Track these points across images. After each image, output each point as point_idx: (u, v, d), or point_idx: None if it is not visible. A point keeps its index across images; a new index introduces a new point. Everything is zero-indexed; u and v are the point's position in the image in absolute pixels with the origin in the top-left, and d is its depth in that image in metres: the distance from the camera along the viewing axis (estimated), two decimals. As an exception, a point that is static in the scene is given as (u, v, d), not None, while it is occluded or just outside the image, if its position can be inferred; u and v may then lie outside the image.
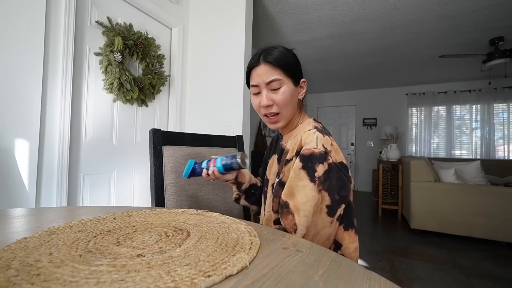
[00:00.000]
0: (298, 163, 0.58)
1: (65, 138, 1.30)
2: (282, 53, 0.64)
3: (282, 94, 0.63)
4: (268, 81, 0.63)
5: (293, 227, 0.56)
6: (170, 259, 0.34)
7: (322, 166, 0.56)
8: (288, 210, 0.58)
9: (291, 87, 0.65)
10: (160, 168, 0.86)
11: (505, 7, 2.23)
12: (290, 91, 0.64)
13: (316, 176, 0.56)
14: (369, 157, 5.25)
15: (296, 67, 0.66)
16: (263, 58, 0.64)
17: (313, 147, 0.58)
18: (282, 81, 0.63)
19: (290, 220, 0.57)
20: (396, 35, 2.79)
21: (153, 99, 1.84)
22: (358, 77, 4.47)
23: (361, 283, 0.31)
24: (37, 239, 0.40)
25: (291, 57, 0.66)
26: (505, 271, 1.83)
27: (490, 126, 4.33)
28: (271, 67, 0.63)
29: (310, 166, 0.56)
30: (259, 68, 0.64)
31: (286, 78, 0.64)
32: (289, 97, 0.64)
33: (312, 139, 0.59)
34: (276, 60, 0.63)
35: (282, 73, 0.63)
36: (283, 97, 0.63)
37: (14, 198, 1.12)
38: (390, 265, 1.89)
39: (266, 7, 2.31)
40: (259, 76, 0.64)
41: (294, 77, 0.65)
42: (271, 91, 0.64)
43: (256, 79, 0.65)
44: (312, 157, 0.57)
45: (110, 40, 1.49)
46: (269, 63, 0.63)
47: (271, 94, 0.64)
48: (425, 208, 2.52)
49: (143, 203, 1.78)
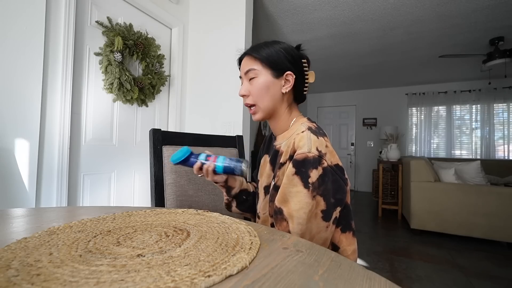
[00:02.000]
0: (291, 168, 0.56)
1: (65, 138, 1.30)
2: (265, 46, 0.65)
3: (255, 84, 0.65)
4: (245, 71, 0.66)
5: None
6: (170, 259, 0.34)
7: (316, 171, 0.54)
8: (282, 216, 0.57)
9: (268, 78, 0.64)
10: (160, 168, 0.86)
11: (505, 7, 2.23)
12: (265, 82, 0.64)
13: (309, 182, 0.54)
14: (369, 157, 5.25)
15: (280, 59, 0.64)
16: (247, 51, 0.67)
17: (307, 151, 0.55)
18: (258, 71, 0.64)
19: (284, 227, 0.57)
20: (396, 35, 2.79)
21: (153, 99, 1.84)
22: (358, 77, 4.47)
23: (361, 283, 0.31)
24: (37, 239, 0.40)
25: (277, 50, 0.64)
26: (505, 271, 1.82)
27: (490, 126, 4.33)
28: (250, 58, 0.65)
29: (303, 171, 0.54)
30: (243, 60, 0.68)
31: (264, 69, 0.64)
32: (264, 88, 0.64)
33: (306, 142, 0.57)
34: (256, 51, 0.65)
35: (260, 64, 0.64)
36: (256, 87, 0.64)
37: (14, 198, 1.12)
38: (390, 265, 1.89)
39: (266, 7, 2.31)
40: (242, 67, 0.68)
41: (274, 68, 0.64)
42: (249, 81, 0.66)
43: (240, 71, 0.69)
44: (305, 162, 0.55)
45: (110, 40, 1.49)
46: (249, 55, 0.66)
47: (248, 84, 0.66)
48: (425, 208, 2.52)
49: (143, 203, 1.78)
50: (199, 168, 0.67)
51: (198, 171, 0.68)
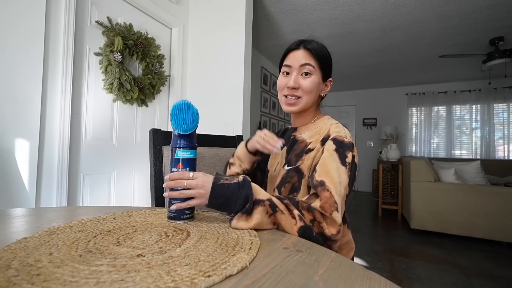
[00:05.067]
0: (332, 145, 0.60)
1: (65, 138, 1.30)
2: (321, 46, 0.69)
3: (310, 81, 0.67)
4: (303, 63, 0.67)
5: (333, 205, 0.52)
6: (170, 259, 0.34)
7: (351, 154, 0.60)
8: (323, 188, 0.54)
9: (319, 79, 0.68)
10: (160, 168, 0.86)
11: (505, 7, 2.22)
12: (317, 82, 0.68)
13: (346, 162, 0.59)
14: (369, 157, 5.25)
15: (329, 64, 0.70)
16: (304, 45, 0.68)
17: (344, 136, 0.62)
18: (314, 70, 0.67)
19: (327, 197, 0.53)
20: (396, 35, 2.79)
21: (153, 99, 1.84)
22: (358, 77, 4.47)
23: (361, 283, 0.31)
24: (37, 239, 0.40)
25: (328, 54, 0.70)
26: (505, 271, 1.82)
27: (490, 126, 4.33)
28: (309, 54, 0.67)
29: (341, 151, 0.59)
30: (297, 52, 0.68)
31: (318, 69, 0.68)
32: (315, 87, 0.68)
33: (341, 130, 0.64)
34: (315, 49, 0.67)
35: (316, 63, 0.67)
36: (310, 84, 0.67)
37: (14, 198, 1.12)
38: (390, 265, 1.89)
39: (266, 7, 2.31)
40: (296, 58, 0.68)
41: (324, 72, 0.69)
42: (301, 75, 0.68)
43: (291, 60, 0.69)
44: (343, 144, 0.60)
45: (110, 40, 1.49)
46: (309, 50, 0.67)
47: (299, 78, 0.68)
48: (425, 208, 2.52)
49: (143, 203, 1.78)
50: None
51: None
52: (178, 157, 0.53)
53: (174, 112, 0.53)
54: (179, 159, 0.53)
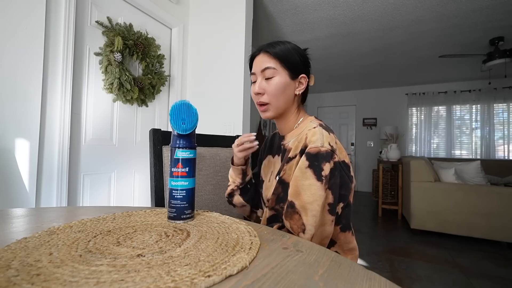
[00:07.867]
0: (304, 161, 0.57)
1: (65, 138, 1.30)
2: (282, 46, 0.66)
3: (273, 84, 0.65)
4: (263, 68, 0.65)
5: (301, 227, 0.55)
6: (170, 259, 0.34)
7: (329, 164, 0.56)
8: (293, 210, 0.56)
9: (285, 79, 0.65)
10: (160, 168, 0.86)
11: (505, 7, 2.22)
12: (283, 83, 0.65)
13: (323, 175, 0.55)
14: (369, 157, 5.25)
15: (296, 61, 0.66)
16: (263, 48, 0.67)
17: (320, 145, 0.57)
18: (276, 71, 0.64)
19: (296, 220, 0.56)
20: (396, 35, 2.79)
21: (153, 99, 1.84)
22: (358, 77, 4.47)
23: (361, 283, 0.31)
24: (37, 239, 0.40)
25: (293, 52, 0.66)
26: (505, 271, 1.82)
27: (490, 126, 4.33)
28: (268, 56, 0.65)
29: (316, 165, 0.56)
30: (258, 57, 0.68)
31: (281, 69, 0.65)
32: (281, 88, 0.65)
33: (319, 137, 0.58)
34: (274, 51, 0.65)
35: (278, 63, 0.65)
36: (274, 87, 0.65)
37: (14, 198, 1.12)
38: (390, 265, 1.89)
39: (266, 7, 2.31)
40: (257, 64, 0.67)
41: (291, 70, 0.66)
42: (265, 80, 0.66)
43: (254, 67, 0.68)
44: (319, 156, 0.56)
45: (110, 40, 1.49)
46: (267, 53, 0.66)
47: (264, 83, 0.66)
48: (425, 208, 2.52)
49: (143, 203, 1.78)
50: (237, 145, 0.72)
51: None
52: (178, 157, 0.54)
53: (173, 112, 0.54)
54: (179, 159, 0.54)
